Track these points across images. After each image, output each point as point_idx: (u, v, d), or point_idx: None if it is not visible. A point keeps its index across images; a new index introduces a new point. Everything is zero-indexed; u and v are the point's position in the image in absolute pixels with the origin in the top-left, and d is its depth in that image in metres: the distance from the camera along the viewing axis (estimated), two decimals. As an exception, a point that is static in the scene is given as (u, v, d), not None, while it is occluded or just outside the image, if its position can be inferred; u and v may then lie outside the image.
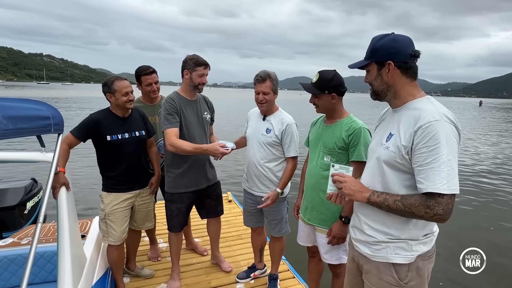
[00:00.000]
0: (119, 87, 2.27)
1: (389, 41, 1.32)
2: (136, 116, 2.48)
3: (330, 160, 1.98)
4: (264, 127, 2.43)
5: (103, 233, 2.39)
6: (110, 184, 2.39)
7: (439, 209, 1.16)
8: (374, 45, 1.35)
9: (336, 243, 1.98)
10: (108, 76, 2.36)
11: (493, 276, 3.57)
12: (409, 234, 1.33)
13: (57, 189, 1.88)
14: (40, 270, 2.26)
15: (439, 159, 1.16)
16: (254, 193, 2.53)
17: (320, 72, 1.96)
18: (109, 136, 2.29)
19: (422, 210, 1.19)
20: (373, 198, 1.32)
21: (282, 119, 2.40)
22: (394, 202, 1.26)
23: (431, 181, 1.16)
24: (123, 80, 2.31)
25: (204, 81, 2.45)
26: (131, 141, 2.38)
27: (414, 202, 1.21)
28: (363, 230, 1.44)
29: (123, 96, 2.28)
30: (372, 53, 1.36)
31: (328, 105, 1.98)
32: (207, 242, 3.50)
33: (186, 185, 2.53)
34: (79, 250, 2.03)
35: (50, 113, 1.68)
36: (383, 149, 1.35)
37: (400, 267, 1.34)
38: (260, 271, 2.86)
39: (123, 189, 2.41)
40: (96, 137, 2.30)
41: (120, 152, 2.34)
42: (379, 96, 1.41)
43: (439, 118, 1.20)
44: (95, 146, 2.36)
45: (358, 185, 1.40)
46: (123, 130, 2.36)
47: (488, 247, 4.24)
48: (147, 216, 2.62)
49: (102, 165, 2.40)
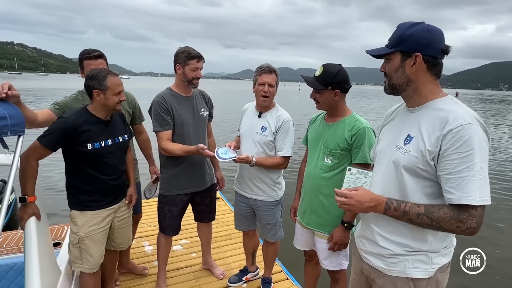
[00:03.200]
0: (113, 84, 1.83)
1: (422, 30, 1.16)
2: (116, 117, 2.05)
3: (331, 161, 1.84)
4: (260, 124, 2.24)
5: (75, 260, 1.94)
6: (84, 201, 1.91)
7: (472, 223, 1.05)
8: (403, 32, 1.18)
9: (338, 249, 1.87)
10: (97, 68, 1.92)
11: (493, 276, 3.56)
12: (429, 246, 1.21)
13: (24, 221, 1.64)
14: (10, 283, 2.03)
15: (473, 167, 1.04)
16: (246, 195, 2.36)
17: (324, 65, 1.80)
18: (90, 145, 1.83)
19: (454, 224, 1.07)
20: (390, 212, 1.18)
21: (279, 115, 2.22)
22: (418, 216, 1.12)
23: (465, 191, 1.04)
24: (116, 76, 1.88)
25: (198, 75, 2.26)
26: (115, 148, 1.97)
27: (443, 216, 1.08)
28: (376, 241, 1.31)
29: (115, 96, 1.86)
30: (400, 41, 1.19)
31: (330, 102, 1.83)
32: (195, 243, 3.35)
33: (180, 187, 2.37)
34: (50, 264, 1.81)
35: (7, 112, 1.36)
36: (402, 153, 1.21)
37: (419, 281, 1.22)
38: (252, 273, 2.74)
39: (101, 206, 1.96)
40: (71, 146, 1.81)
41: (101, 162, 1.91)
42: (395, 90, 1.26)
43: (471, 121, 1.07)
44: (68, 156, 1.87)
45: (368, 198, 1.22)
46: (106, 136, 1.92)
47: (488, 247, 4.23)
48: (128, 232, 2.22)
49: (74, 176, 1.91)
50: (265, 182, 2.26)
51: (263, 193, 2.28)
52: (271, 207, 2.31)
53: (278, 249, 2.58)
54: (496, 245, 4.47)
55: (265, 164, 2.18)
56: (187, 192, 2.40)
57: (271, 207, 2.31)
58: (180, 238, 3.36)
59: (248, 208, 2.40)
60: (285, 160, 2.22)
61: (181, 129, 2.28)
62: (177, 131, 2.28)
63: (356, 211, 1.24)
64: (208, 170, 2.49)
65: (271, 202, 2.31)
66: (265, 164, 2.17)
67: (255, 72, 2.20)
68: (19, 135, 1.47)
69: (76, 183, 1.91)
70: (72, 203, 1.93)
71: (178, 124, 2.27)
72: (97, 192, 1.93)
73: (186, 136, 2.30)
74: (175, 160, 2.29)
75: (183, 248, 3.25)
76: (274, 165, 2.20)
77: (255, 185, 2.28)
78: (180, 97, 2.31)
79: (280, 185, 2.34)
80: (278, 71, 2.17)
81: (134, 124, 2.52)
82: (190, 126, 2.32)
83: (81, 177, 1.90)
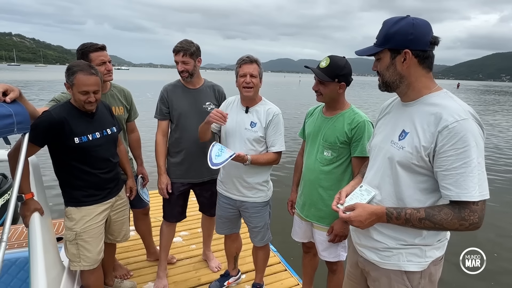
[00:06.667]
0: (79, 82, 1.73)
1: (407, 25, 1.14)
2: (102, 109, 1.98)
3: (331, 155, 1.85)
4: (248, 120, 2.07)
5: (72, 258, 1.89)
6: (79, 197, 1.87)
7: (474, 218, 1.06)
8: (389, 30, 1.17)
9: (338, 241, 1.89)
10: (77, 61, 1.86)
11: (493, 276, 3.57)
12: (423, 240, 1.22)
13: (27, 218, 1.65)
14: (12, 278, 2.05)
15: (470, 163, 1.04)
16: (233, 197, 2.20)
17: (330, 57, 1.78)
18: (77, 138, 1.78)
19: (457, 223, 1.08)
20: (393, 221, 1.18)
21: (268, 109, 2.08)
22: (420, 221, 1.12)
23: (464, 188, 1.05)
24: (89, 75, 1.74)
25: (179, 68, 2.25)
26: (104, 141, 1.92)
27: (445, 217, 1.09)
28: (370, 235, 1.33)
29: (81, 95, 1.75)
30: (386, 39, 1.18)
31: (334, 94, 1.82)
32: (194, 235, 3.39)
33: (178, 175, 2.42)
34: (54, 259, 1.83)
35: (13, 110, 1.34)
36: (397, 149, 1.21)
37: (413, 274, 1.24)
38: (234, 278, 2.63)
39: (97, 200, 1.92)
40: (58, 141, 1.75)
41: (91, 156, 1.85)
42: (389, 87, 1.26)
43: (466, 116, 1.07)
44: (54, 151, 1.81)
45: (367, 214, 1.21)
46: (93, 129, 1.86)
47: (488, 247, 4.25)
48: (124, 225, 2.21)
49: (65, 174, 1.85)
50: (254, 182, 2.13)
51: (252, 194, 2.15)
52: (260, 208, 2.19)
53: (269, 252, 2.51)
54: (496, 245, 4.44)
55: (260, 162, 2.04)
56: (183, 181, 2.44)
57: (260, 208, 2.19)
58: (180, 230, 3.40)
59: (234, 210, 2.25)
60: (278, 155, 2.12)
61: (177, 120, 2.34)
62: (174, 122, 2.37)
63: (363, 228, 1.24)
64: (207, 164, 2.49)
65: (259, 203, 2.18)
66: (260, 161, 2.03)
67: (236, 64, 2.07)
68: (24, 132, 1.46)
69: (69, 180, 1.86)
70: (67, 200, 1.89)
71: (174, 115, 2.34)
72: (91, 187, 1.89)
73: (182, 128, 2.33)
74: (174, 148, 2.38)
75: (182, 240, 3.29)
76: (268, 161, 2.08)
77: (242, 186, 2.13)
78: (185, 89, 2.35)
79: (269, 184, 2.23)
80: (260, 61, 2.04)
81: (129, 121, 2.51)
82: (189, 119, 2.32)
83: (73, 174, 1.84)
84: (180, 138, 2.35)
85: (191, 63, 2.25)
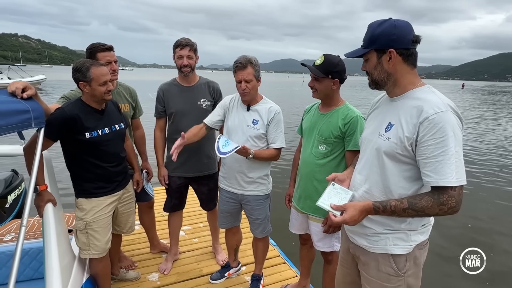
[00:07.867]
0: (96, 74, 1.84)
1: (390, 27, 1.24)
2: (111, 106, 2.11)
3: (326, 149, 1.94)
4: (250, 117, 2.17)
5: (82, 246, 2.00)
6: (89, 189, 1.99)
7: (452, 202, 1.14)
8: (373, 32, 1.27)
9: (332, 232, 1.96)
10: (81, 60, 1.93)
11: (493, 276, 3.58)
12: (408, 225, 1.31)
13: (42, 208, 1.74)
14: (25, 268, 2.16)
15: (447, 151, 1.13)
16: (235, 191, 2.29)
17: (325, 55, 1.88)
18: (88, 133, 1.89)
19: (436, 208, 1.16)
20: (380, 214, 1.27)
21: (270, 107, 2.18)
22: (404, 211, 1.21)
23: (442, 174, 1.14)
24: (100, 66, 1.89)
25: (184, 63, 2.33)
26: (112, 136, 2.03)
27: (426, 204, 1.17)
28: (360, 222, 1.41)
29: (101, 86, 1.87)
30: (372, 40, 1.28)
31: (328, 91, 1.92)
32: (196, 230, 3.49)
33: (175, 169, 2.54)
34: (66, 248, 1.93)
35: (30, 106, 1.44)
36: (383, 140, 1.30)
37: (399, 257, 1.33)
38: (234, 269, 2.72)
39: (106, 192, 2.04)
40: (71, 135, 1.86)
41: (100, 151, 1.97)
42: (378, 85, 1.35)
43: (444, 109, 1.16)
44: (66, 146, 1.92)
45: (358, 212, 1.28)
46: (102, 125, 1.98)
47: (488, 247, 4.25)
48: (130, 217, 2.33)
49: (76, 167, 1.97)
50: (255, 176, 2.22)
51: (253, 187, 2.25)
52: (261, 201, 2.29)
53: (269, 244, 2.59)
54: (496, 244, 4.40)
55: (262, 156, 2.14)
56: (179, 175, 2.55)
57: (261, 201, 2.29)
58: (183, 224, 3.49)
59: (236, 203, 2.35)
60: (278, 151, 2.22)
61: (172, 118, 2.48)
62: (169, 120, 2.53)
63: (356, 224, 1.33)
64: (204, 160, 2.56)
65: (261, 196, 2.28)
66: (262, 156, 2.13)
67: (232, 67, 2.15)
68: (40, 127, 1.55)
69: (80, 173, 1.97)
70: (78, 192, 2.01)
71: (168, 113, 2.49)
72: (100, 180, 2.00)
73: (178, 124, 2.42)
74: (171, 144, 2.40)
75: (185, 234, 3.39)
76: (270, 157, 2.18)
77: (244, 180, 2.23)
78: (180, 87, 2.43)
79: (269, 178, 2.32)
80: (255, 60, 2.09)
81: (134, 118, 2.61)
82: (184, 116, 2.41)
83: (83, 167, 1.95)
84: (175, 134, 2.41)
85: (194, 58, 2.38)
